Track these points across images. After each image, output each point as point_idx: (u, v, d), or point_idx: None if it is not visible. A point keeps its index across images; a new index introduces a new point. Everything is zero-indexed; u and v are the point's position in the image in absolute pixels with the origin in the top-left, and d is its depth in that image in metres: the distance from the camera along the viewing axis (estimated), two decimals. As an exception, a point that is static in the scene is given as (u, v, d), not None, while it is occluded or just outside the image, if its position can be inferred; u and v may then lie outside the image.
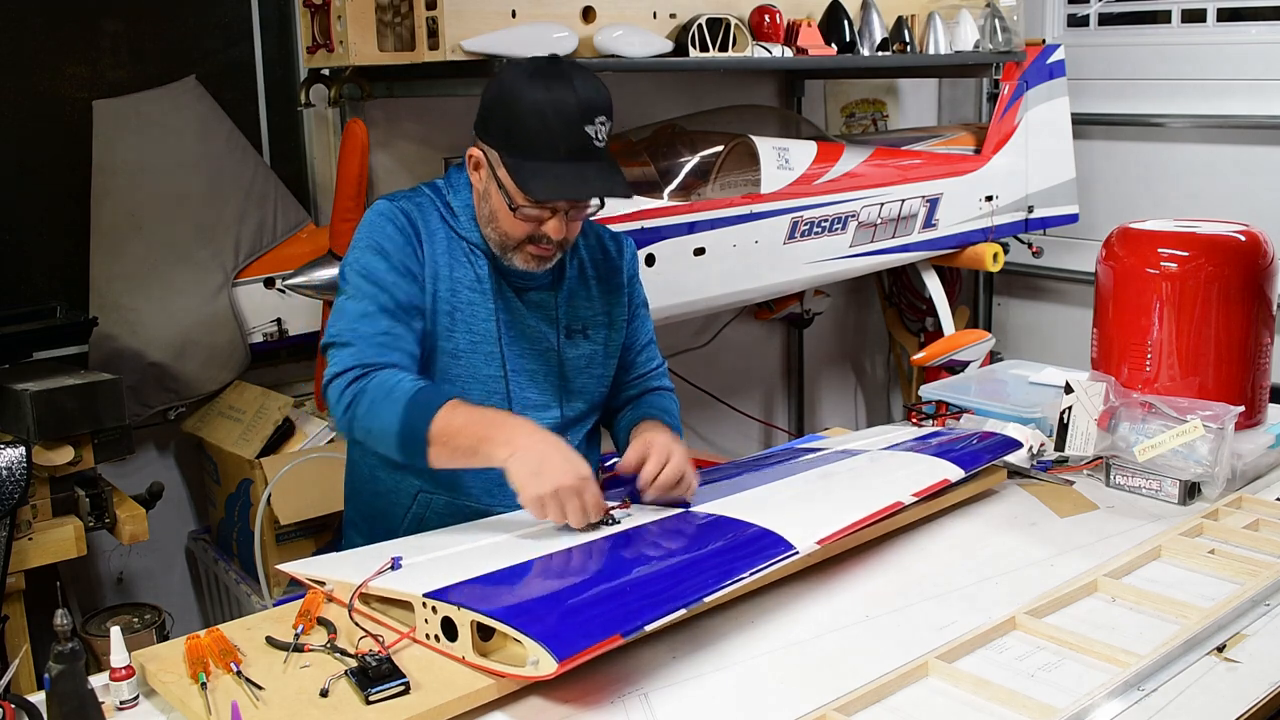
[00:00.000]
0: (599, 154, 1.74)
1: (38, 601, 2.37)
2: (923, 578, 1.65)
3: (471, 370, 1.84)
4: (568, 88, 1.71)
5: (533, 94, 1.72)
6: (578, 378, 1.94)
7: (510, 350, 1.87)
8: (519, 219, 1.77)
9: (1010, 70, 3.61)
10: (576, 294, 1.94)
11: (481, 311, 1.85)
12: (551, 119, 1.70)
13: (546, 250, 1.81)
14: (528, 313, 1.88)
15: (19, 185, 2.77)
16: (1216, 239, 2.05)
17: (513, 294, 1.87)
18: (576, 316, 1.93)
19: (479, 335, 1.85)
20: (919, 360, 3.56)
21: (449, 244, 1.84)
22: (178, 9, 2.91)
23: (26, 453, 2.21)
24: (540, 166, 1.72)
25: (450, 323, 1.83)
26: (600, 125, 1.72)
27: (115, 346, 2.75)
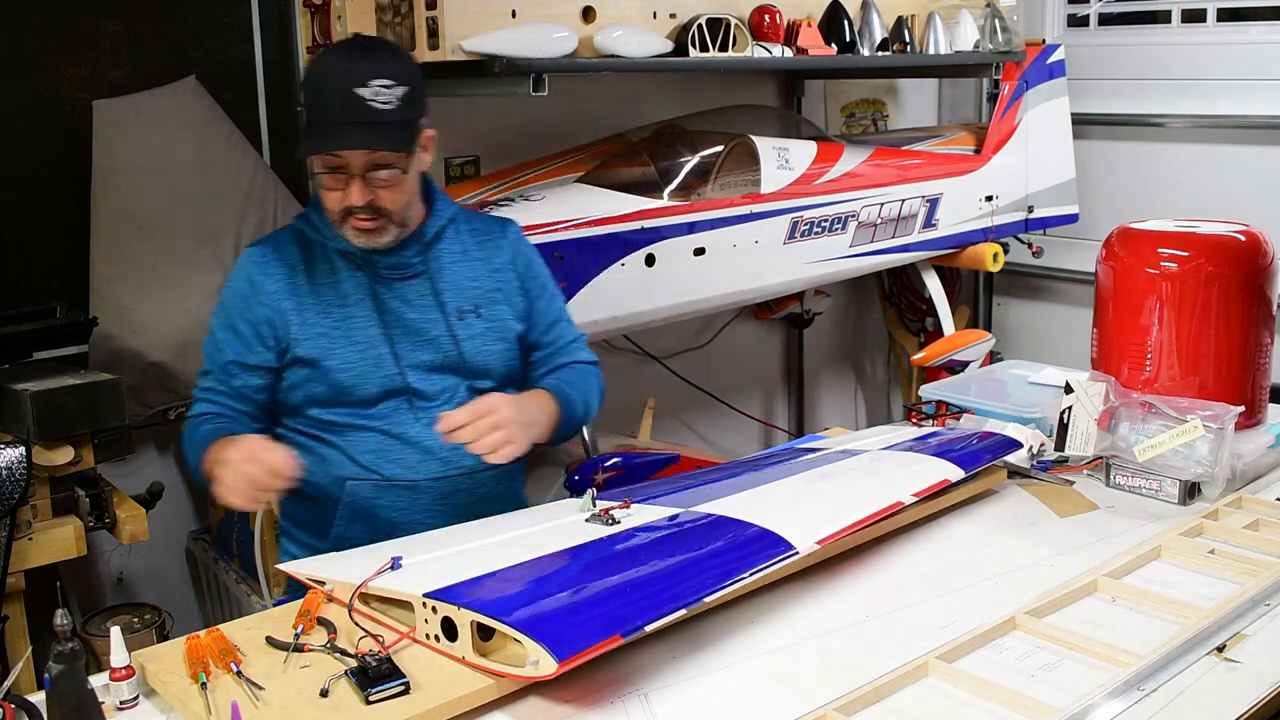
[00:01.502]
0: (377, 115, 1.76)
1: (38, 601, 2.37)
2: (923, 578, 1.65)
3: (365, 379, 1.89)
4: (346, 57, 1.81)
5: (314, 68, 1.85)
6: (477, 356, 1.95)
7: (401, 347, 1.90)
8: (325, 190, 1.84)
9: (1010, 70, 3.61)
10: (460, 275, 1.96)
11: (360, 321, 1.90)
12: (323, 84, 1.79)
13: (366, 221, 1.84)
14: (408, 306, 1.92)
15: (19, 185, 2.77)
16: (1216, 239, 2.05)
17: (389, 294, 1.91)
18: (465, 296, 1.96)
19: (364, 344, 1.89)
20: (919, 360, 3.57)
21: (312, 267, 1.91)
22: (178, 9, 2.91)
23: (26, 453, 2.21)
24: (313, 130, 1.81)
25: (330, 344, 1.89)
26: (380, 88, 1.76)
27: (115, 346, 2.75)
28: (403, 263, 1.92)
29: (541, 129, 3.20)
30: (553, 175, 2.87)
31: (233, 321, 1.91)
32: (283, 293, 1.89)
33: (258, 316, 1.89)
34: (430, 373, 1.92)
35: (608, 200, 2.76)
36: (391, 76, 1.78)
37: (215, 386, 1.92)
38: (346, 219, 1.84)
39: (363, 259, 1.90)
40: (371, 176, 1.81)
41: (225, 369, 1.91)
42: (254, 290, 1.90)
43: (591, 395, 2.04)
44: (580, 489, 2.43)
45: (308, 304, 1.89)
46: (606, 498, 1.80)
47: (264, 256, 1.92)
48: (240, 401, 1.91)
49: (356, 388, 1.89)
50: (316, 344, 1.88)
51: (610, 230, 2.71)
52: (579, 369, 2.06)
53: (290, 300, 1.89)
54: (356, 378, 1.89)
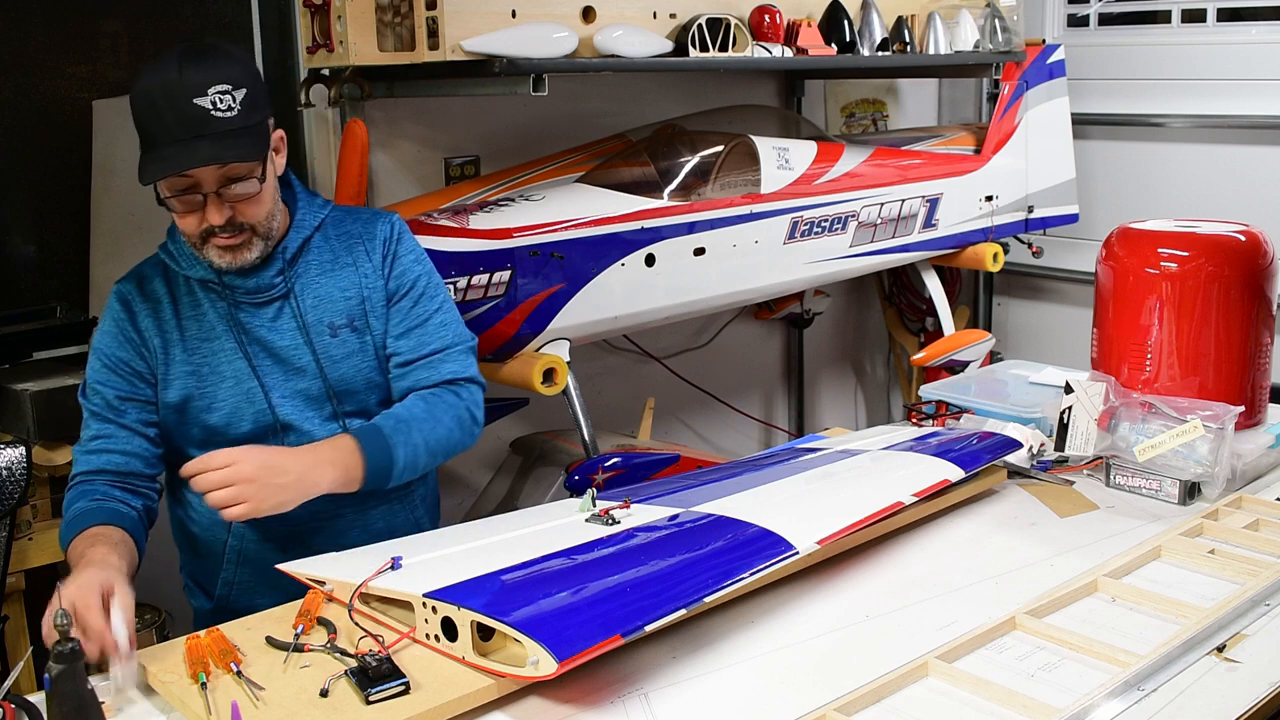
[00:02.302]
0: (221, 125, 1.64)
1: (38, 601, 2.37)
2: (923, 578, 1.65)
3: (237, 416, 1.80)
4: (176, 68, 1.64)
5: (142, 83, 1.67)
6: (355, 376, 1.85)
7: (271, 379, 1.81)
8: (178, 215, 1.72)
9: (1010, 70, 3.61)
10: (328, 290, 1.84)
11: (226, 355, 1.80)
12: (156, 100, 1.64)
13: (229, 239, 1.72)
14: (274, 333, 1.81)
15: (19, 185, 2.77)
16: (1216, 239, 2.05)
17: (254, 321, 1.80)
18: (338, 310, 1.84)
19: (232, 379, 1.80)
20: (919, 360, 3.56)
21: (176, 302, 1.81)
22: (178, 9, 2.92)
23: (26, 453, 2.21)
24: (154, 154, 1.66)
25: (199, 382, 1.79)
26: (219, 95, 1.64)
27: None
28: (264, 284, 1.80)
29: (541, 129, 3.20)
30: (553, 175, 2.87)
31: (108, 362, 1.79)
32: (149, 330, 1.79)
33: (129, 355, 1.79)
34: (306, 402, 1.82)
35: (608, 200, 2.76)
36: (229, 81, 1.65)
37: (101, 433, 1.78)
38: (207, 241, 1.73)
39: (223, 287, 1.79)
40: (226, 193, 1.69)
41: (112, 407, 1.78)
42: (121, 330, 1.79)
43: (437, 429, 1.82)
44: (580, 489, 2.43)
45: (173, 340, 1.79)
46: (606, 498, 1.80)
47: (129, 294, 1.81)
48: (133, 439, 1.78)
49: (229, 427, 1.79)
50: (185, 384, 1.79)
51: (610, 230, 2.71)
52: (426, 396, 1.85)
53: (156, 338, 1.79)
54: (228, 416, 1.79)
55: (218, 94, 1.64)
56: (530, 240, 2.56)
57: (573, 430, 2.87)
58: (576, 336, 2.74)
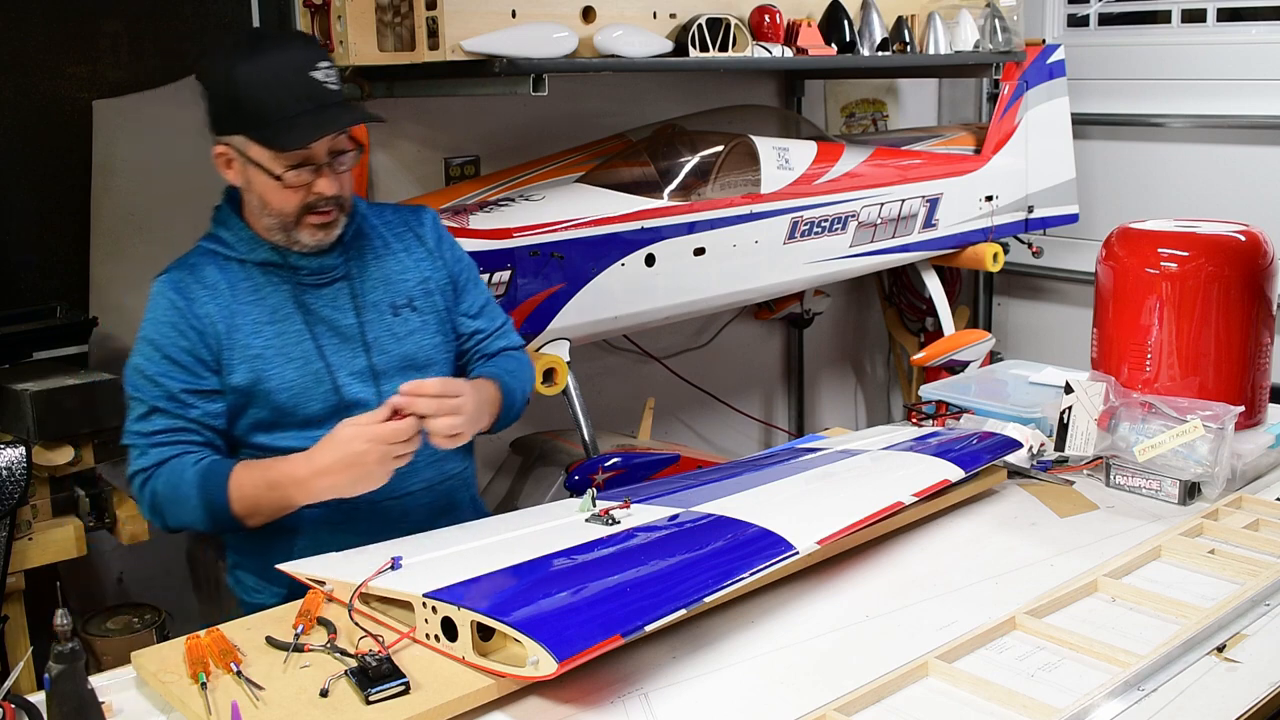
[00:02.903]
0: (336, 96, 1.74)
1: (38, 601, 2.37)
2: (923, 578, 1.65)
3: (306, 396, 1.81)
4: (275, 49, 1.73)
5: (246, 68, 1.71)
6: (418, 352, 1.91)
7: (337, 358, 1.83)
8: (288, 188, 1.74)
9: (1010, 70, 3.61)
10: (387, 272, 1.91)
11: (293, 336, 1.82)
12: (274, 79, 1.70)
13: (327, 214, 1.78)
14: (338, 313, 1.85)
15: (19, 185, 2.77)
16: (1216, 239, 2.05)
17: (317, 301, 1.84)
18: (398, 291, 1.90)
19: (300, 360, 1.81)
20: (919, 360, 3.57)
21: (233, 287, 1.81)
22: (178, 9, 2.91)
23: (26, 453, 2.21)
24: (285, 123, 1.70)
25: (265, 365, 1.80)
26: (326, 70, 1.73)
27: (115, 346, 2.74)
28: (327, 266, 1.84)
29: (541, 129, 3.20)
30: (553, 175, 2.87)
31: (167, 353, 1.77)
32: (212, 315, 1.79)
33: (192, 343, 1.78)
34: (370, 381, 1.85)
35: (608, 200, 2.76)
36: (325, 59, 1.75)
37: (169, 426, 1.76)
38: (303, 218, 1.77)
39: (287, 268, 1.82)
40: (335, 164, 1.76)
41: (177, 400, 1.77)
42: (180, 317, 1.78)
43: (527, 384, 2.02)
44: (580, 489, 2.43)
45: (237, 325, 1.79)
46: (606, 498, 1.80)
47: (181, 282, 1.80)
48: (203, 433, 1.78)
49: (298, 407, 1.80)
50: (251, 366, 1.79)
51: (610, 230, 2.71)
52: (512, 356, 2.02)
53: (221, 323, 1.79)
54: (296, 396, 1.80)
55: (324, 69, 1.73)
56: (530, 240, 2.56)
57: (573, 430, 2.87)
58: (576, 336, 2.74)
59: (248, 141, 1.73)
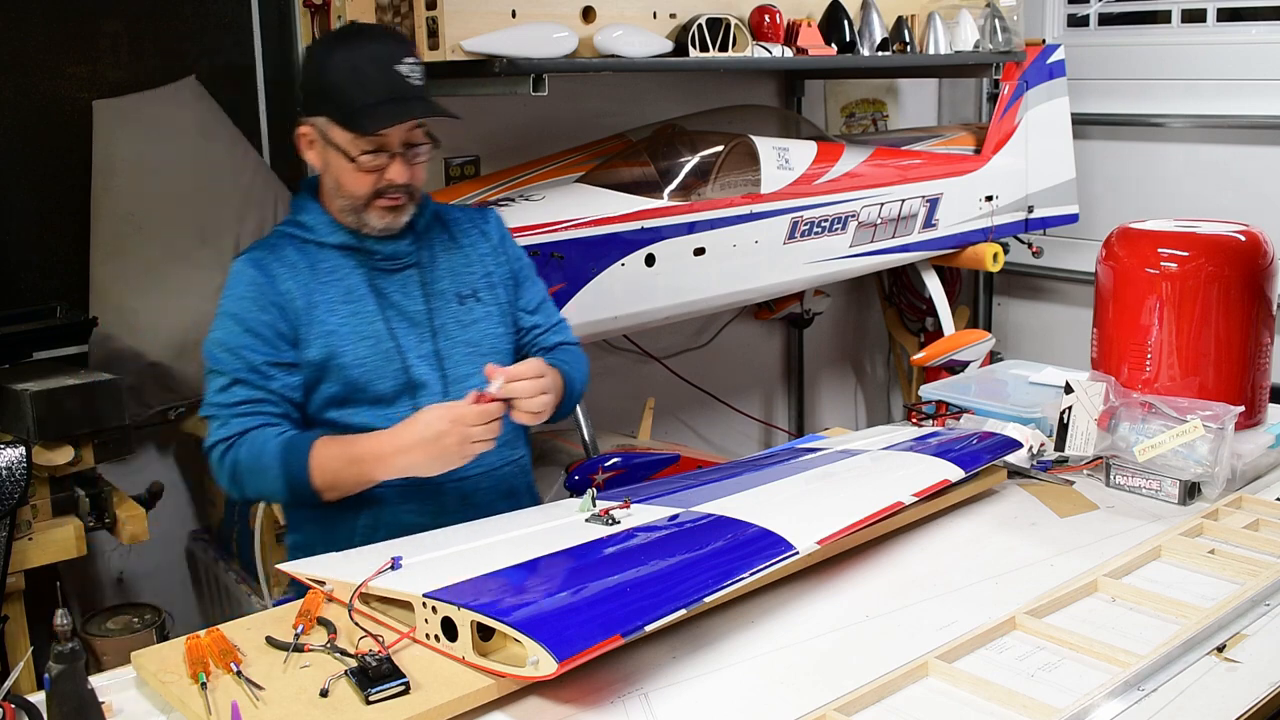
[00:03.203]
0: (419, 91, 1.84)
1: (38, 601, 2.37)
2: (923, 578, 1.65)
3: (377, 372, 1.89)
4: (366, 41, 1.86)
5: (339, 55, 1.84)
6: (483, 340, 1.98)
7: (407, 340, 1.91)
8: (361, 171, 1.84)
9: (1010, 70, 3.61)
10: (454, 261, 2.00)
11: (367, 316, 1.90)
12: (363, 67, 1.81)
13: (396, 199, 1.87)
14: (408, 298, 1.94)
15: (19, 185, 2.77)
16: (1216, 239, 2.05)
17: (389, 285, 1.93)
18: (464, 282, 2.00)
19: (372, 338, 1.89)
20: (919, 360, 3.56)
21: (312, 268, 1.90)
22: (178, 9, 2.92)
23: (26, 453, 2.21)
24: (366, 109, 1.80)
25: (340, 341, 1.88)
26: (412, 66, 1.83)
27: (115, 346, 2.75)
28: (400, 252, 1.94)
29: (541, 129, 3.20)
30: (553, 175, 2.88)
31: (250, 327, 1.84)
32: (293, 292, 1.87)
33: (273, 317, 1.85)
34: (435, 364, 1.93)
35: (608, 200, 2.76)
36: (415, 56, 1.86)
37: (250, 397, 1.83)
38: (373, 201, 1.86)
39: (362, 252, 1.91)
40: (410, 154, 1.86)
41: (258, 372, 1.83)
42: (261, 293, 1.86)
43: (584, 376, 2.07)
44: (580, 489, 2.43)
45: (315, 301, 1.88)
46: (606, 498, 1.80)
47: (263, 260, 1.89)
48: (282, 405, 1.85)
49: (369, 384, 1.88)
50: (327, 342, 1.87)
51: (610, 230, 2.71)
52: (570, 350, 2.08)
53: (301, 299, 1.87)
54: (368, 373, 1.88)
55: (412, 64, 1.84)
56: (530, 240, 2.56)
57: (573, 430, 2.87)
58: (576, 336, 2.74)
59: (330, 124, 1.83)
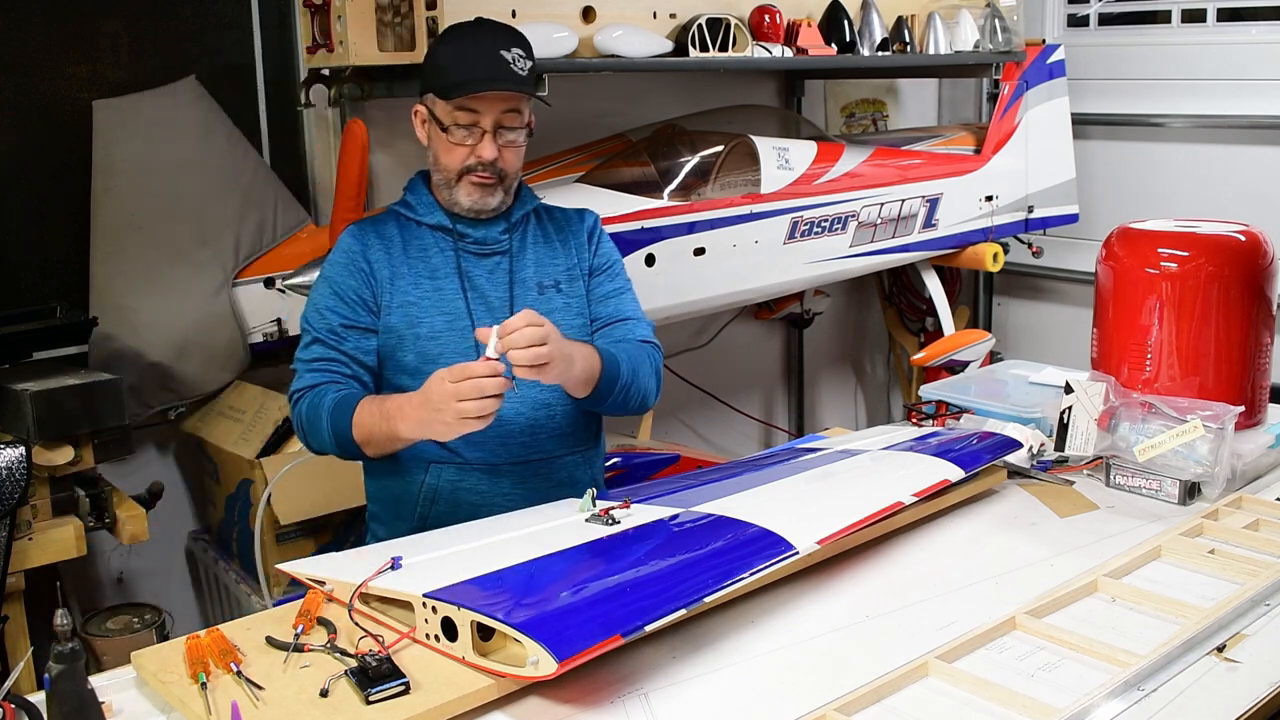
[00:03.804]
0: (516, 76, 1.94)
1: (38, 601, 2.37)
2: (923, 578, 1.65)
3: (450, 346, 1.97)
4: (480, 30, 1.99)
5: (453, 39, 2.01)
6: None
7: (482, 321, 1.95)
8: (453, 143, 1.96)
9: (1010, 70, 3.61)
10: (542, 254, 2.07)
11: (449, 294, 2.00)
12: (468, 49, 1.95)
13: (485, 177, 1.97)
14: (491, 283, 2.02)
15: (18, 185, 2.77)
16: (1216, 239, 2.05)
17: (475, 269, 2.02)
18: (547, 273, 2.07)
19: (451, 314, 1.99)
20: (919, 360, 3.57)
21: (406, 244, 2.03)
22: (178, 9, 2.91)
23: (26, 453, 2.21)
24: (461, 82, 1.93)
25: (419, 312, 1.99)
26: (518, 54, 1.94)
27: (115, 346, 2.75)
28: (490, 238, 2.03)
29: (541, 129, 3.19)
30: (553, 175, 2.88)
31: (337, 289, 1.98)
32: (380, 262, 1.99)
33: (358, 283, 1.98)
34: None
35: (608, 200, 2.76)
36: (522, 48, 1.96)
37: (324, 355, 1.97)
38: (463, 178, 1.97)
39: (454, 233, 2.02)
40: (501, 135, 1.95)
41: (335, 333, 1.97)
42: (352, 260, 1.99)
43: (642, 367, 2.02)
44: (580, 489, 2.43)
45: (401, 273, 1.99)
46: (606, 498, 1.80)
47: (362, 231, 2.03)
48: (352, 365, 1.97)
49: (441, 356, 1.95)
50: (407, 312, 1.98)
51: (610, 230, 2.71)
52: (632, 341, 2.07)
53: (386, 269, 1.99)
54: (442, 345, 1.97)
55: (516, 53, 1.95)
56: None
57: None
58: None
59: (434, 98, 1.97)
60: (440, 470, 1.99)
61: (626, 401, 2.01)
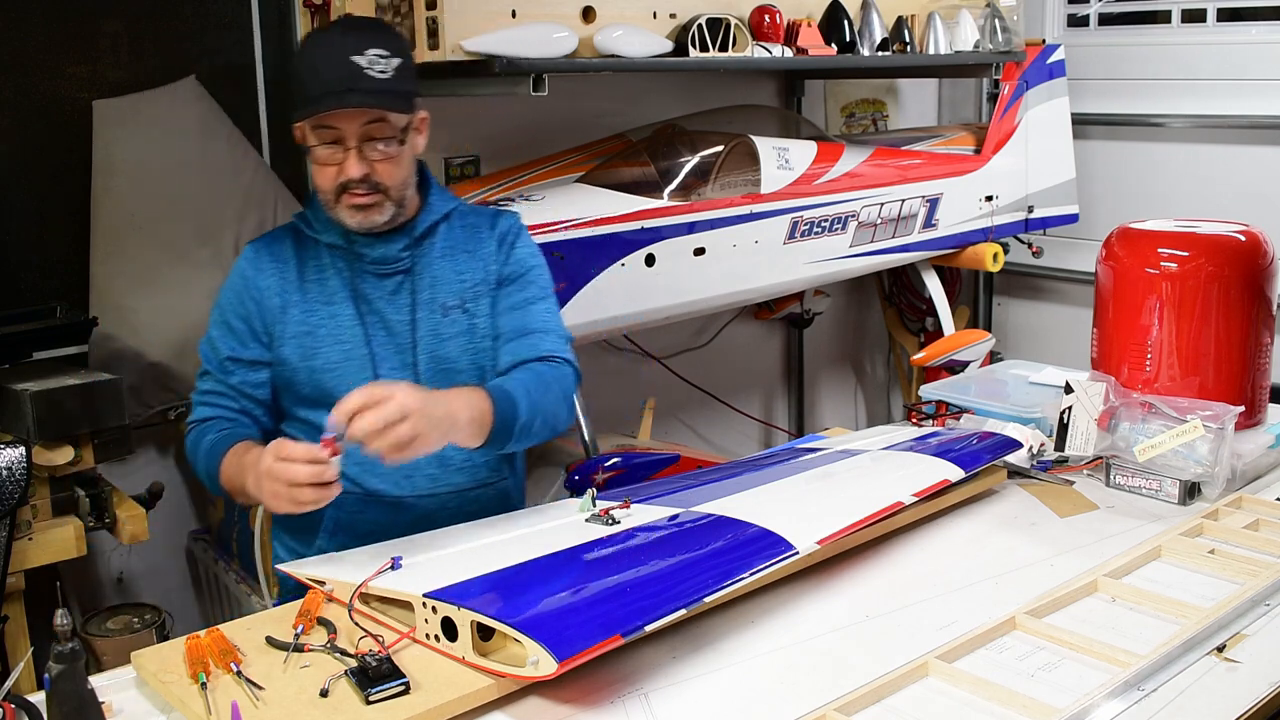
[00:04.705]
0: (375, 84, 1.74)
1: (38, 601, 2.37)
2: (923, 578, 1.65)
3: (347, 379, 1.83)
4: (340, 32, 1.83)
5: (307, 48, 1.86)
6: (460, 356, 1.90)
7: (383, 350, 1.87)
8: (320, 165, 1.80)
9: (1010, 70, 3.61)
10: (449, 270, 1.92)
11: (345, 320, 1.87)
12: (320, 59, 1.77)
13: (360, 196, 1.79)
14: (391, 306, 1.88)
15: (18, 185, 2.77)
16: (1216, 239, 2.05)
17: (374, 291, 1.88)
18: (452, 291, 1.91)
19: (348, 343, 1.86)
20: (919, 360, 3.57)
21: (302, 265, 1.89)
22: (178, 9, 2.91)
23: (26, 453, 2.21)
24: (312, 99, 1.76)
25: (313, 342, 1.86)
26: (376, 56, 1.74)
27: (115, 346, 2.75)
28: (390, 256, 1.88)
29: (541, 129, 3.20)
30: (553, 175, 2.87)
31: (226, 318, 1.89)
32: (271, 289, 1.87)
33: (249, 312, 1.88)
34: (411, 376, 1.86)
35: (608, 200, 2.76)
36: (386, 48, 1.76)
37: (213, 388, 1.89)
38: (341, 196, 1.80)
39: (350, 253, 1.87)
40: (368, 148, 1.77)
41: (222, 367, 1.89)
42: (245, 286, 1.89)
43: (545, 396, 1.83)
44: (580, 489, 2.43)
45: (293, 300, 1.87)
46: (606, 498, 1.80)
47: (257, 254, 1.91)
48: (240, 400, 1.89)
49: (338, 388, 1.81)
50: (301, 343, 1.86)
51: (610, 230, 2.71)
52: (530, 368, 1.87)
53: (277, 298, 1.87)
54: (338, 379, 1.84)
55: (375, 56, 1.75)
56: (530, 237, 2.56)
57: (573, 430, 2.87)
58: (576, 336, 2.72)
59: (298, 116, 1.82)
60: (342, 499, 1.73)
61: (530, 439, 1.83)
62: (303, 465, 1.55)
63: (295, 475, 1.55)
